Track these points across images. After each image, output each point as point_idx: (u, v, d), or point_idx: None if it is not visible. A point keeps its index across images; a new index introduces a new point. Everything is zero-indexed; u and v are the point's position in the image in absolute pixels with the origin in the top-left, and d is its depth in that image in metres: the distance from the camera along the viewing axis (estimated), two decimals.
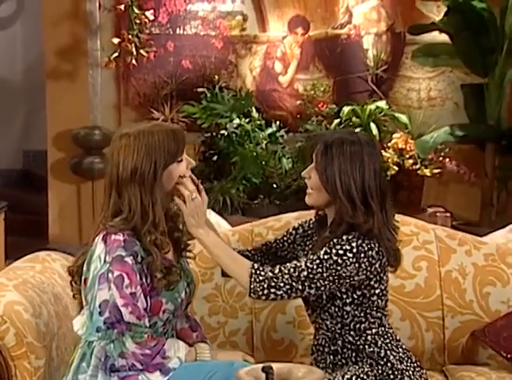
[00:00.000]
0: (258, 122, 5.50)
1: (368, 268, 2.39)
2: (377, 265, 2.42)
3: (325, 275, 2.35)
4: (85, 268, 2.48)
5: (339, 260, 2.35)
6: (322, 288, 2.36)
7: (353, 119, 5.52)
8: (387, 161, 5.29)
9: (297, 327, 2.93)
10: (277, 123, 5.54)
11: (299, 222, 2.73)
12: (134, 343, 2.37)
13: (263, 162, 5.35)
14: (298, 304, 2.91)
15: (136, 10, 5.45)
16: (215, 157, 5.53)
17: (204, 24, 5.88)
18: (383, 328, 2.52)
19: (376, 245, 2.40)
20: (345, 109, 5.55)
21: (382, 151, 5.36)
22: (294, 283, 2.35)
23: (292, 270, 2.36)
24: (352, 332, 2.50)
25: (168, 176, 2.49)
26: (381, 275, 2.47)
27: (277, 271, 2.37)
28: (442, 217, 5.40)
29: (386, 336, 2.52)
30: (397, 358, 2.48)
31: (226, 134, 5.41)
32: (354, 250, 2.36)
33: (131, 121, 5.96)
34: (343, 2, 5.87)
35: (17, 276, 2.72)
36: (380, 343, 2.50)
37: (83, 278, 2.49)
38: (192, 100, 5.70)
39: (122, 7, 5.42)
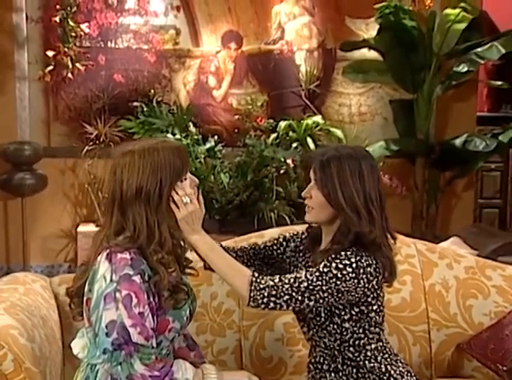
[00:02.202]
0: (196, 136, 5.48)
1: (366, 285, 2.39)
2: (374, 282, 2.42)
3: (324, 288, 2.34)
4: (86, 288, 2.41)
5: (339, 274, 2.34)
6: (321, 301, 2.35)
7: (290, 133, 5.59)
8: None
9: (286, 344, 2.91)
10: (215, 137, 5.54)
11: (291, 234, 2.69)
12: (142, 365, 2.31)
13: (202, 177, 5.32)
14: (286, 321, 2.92)
15: (71, 23, 5.33)
16: None
17: (136, 37, 5.82)
18: (381, 344, 2.54)
19: (374, 261, 2.41)
20: (282, 124, 5.62)
21: None
22: (294, 294, 2.33)
23: (292, 280, 2.34)
24: (351, 349, 2.50)
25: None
26: (378, 291, 2.48)
27: (277, 280, 2.35)
28: None
29: (385, 351, 2.53)
30: (397, 372, 2.50)
31: None
32: (354, 265, 2.36)
33: (61, 136, 5.86)
34: (275, 18, 5.95)
35: (4, 299, 2.61)
36: (379, 358, 2.51)
37: (85, 299, 2.41)
38: (126, 115, 5.64)
39: (57, 19, 5.29)
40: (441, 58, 5.67)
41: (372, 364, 2.49)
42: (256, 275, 2.35)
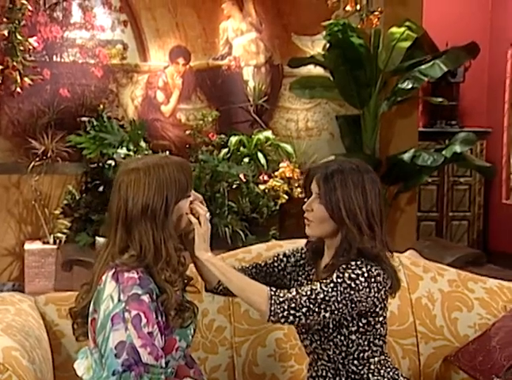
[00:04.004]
0: (146, 152, 5.44)
1: (376, 294, 2.43)
2: (383, 291, 2.46)
3: (339, 298, 2.36)
4: (91, 309, 2.36)
5: (352, 284, 2.37)
6: (336, 312, 2.37)
7: (241, 148, 5.62)
8: (278, 190, 5.42)
9: (278, 360, 2.89)
10: (166, 152, 5.50)
11: (290, 250, 2.69)
12: None
13: None
14: (278, 336, 2.91)
15: (19, 37, 5.22)
16: (101, 188, 5.40)
17: (82, 52, 5.76)
18: (383, 357, 2.56)
19: (382, 271, 2.45)
20: (233, 139, 5.64)
21: (272, 180, 5.50)
22: (311, 305, 2.34)
23: (308, 292, 2.35)
24: (355, 362, 2.52)
25: (178, 211, 2.43)
26: (385, 302, 2.52)
27: (294, 293, 2.36)
28: None
29: (387, 365, 2.55)
30: None
31: (113, 164, 5.30)
32: (365, 275, 2.39)
33: (5, 151, 5.73)
34: (223, 34, 5.99)
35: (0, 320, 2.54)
36: (382, 371, 2.52)
37: (90, 319, 2.37)
38: (73, 130, 5.56)
39: (6, 33, 5.17)
40: (386, 75, 5.80)
41: (375, 378, 2.51)
42: (273, 289, 2.35)
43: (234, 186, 5.45)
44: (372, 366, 2.52)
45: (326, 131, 6.16)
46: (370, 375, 2.52)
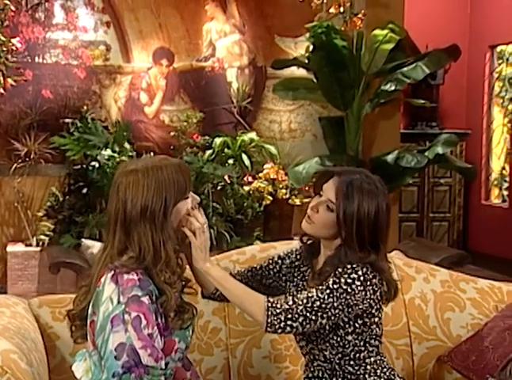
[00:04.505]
0: (130, 153, 5.43)
1: (372, 296, 2.45)
2: (378, 293, 2.48)
3: (335, 304, 2.37)
4: (90, 311, 2.34)
5: (348, 289, 2.38)
6: (333, 317, 2.38)
7: (226, 150, 5.62)
8: (262, 192, 5.43)
9: (273, 361, 2.89)
10: (151, 154, 5.50)
11: (285, 252, 2.68)
12: None
13: None
14: (273, 338, 2.91)
15: (2, 37, 5.18)
16: (84, 190, 5.37)
17: (65, 53, 5.72)
18: (379, 357, 2.57)
19: (377, 273, 2.47)
20: (217, 141, 5.64)
21: (256, 181, 5.50)
22: (308, 314, 2.35)
23: (305, 301, 2.36)
24: (352, 362, 2.52)
25: (176, 213, 2.42)
26: (380, 303, 2.54)
27: (290, 302, 2.37)
28: None
29: (383, 365, 2.56)
30: None
31: (98, 166, 5.28)
32: (361, 278, 2.40)
33: None
34: (206, 36, 6.00)
35: None
36: (379, 372, 2.54)
37: (89, 321, 2.35)
38: (56, 131, 5.53)
39: None
40: (369, 77, 5.82)
41: (371, 378, 2.52)
42: (271, 300, 2.35)
43: (218, 187, 5.45)
44: (368, 367, 2.53)
45: (310, 133, 6.19)
46: (366, 375, 2.52)
